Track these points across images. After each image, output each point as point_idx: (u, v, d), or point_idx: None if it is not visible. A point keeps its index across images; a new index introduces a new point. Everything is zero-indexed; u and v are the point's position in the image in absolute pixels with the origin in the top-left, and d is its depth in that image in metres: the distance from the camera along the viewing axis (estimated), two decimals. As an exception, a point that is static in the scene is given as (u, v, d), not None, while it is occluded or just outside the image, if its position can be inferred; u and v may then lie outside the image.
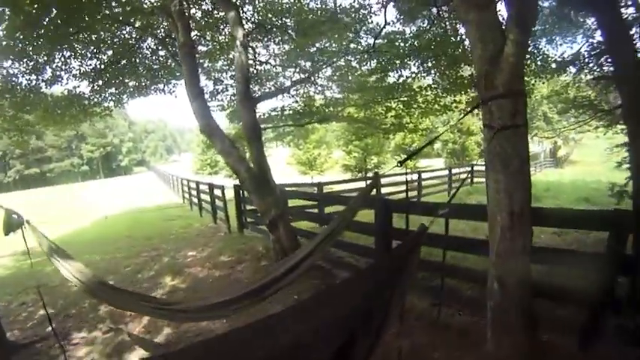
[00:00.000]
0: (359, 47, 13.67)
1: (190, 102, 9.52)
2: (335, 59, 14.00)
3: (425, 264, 6.19)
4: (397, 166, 4.29)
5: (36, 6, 9.69)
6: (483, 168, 5.39)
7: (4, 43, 10.68)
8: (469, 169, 28.41)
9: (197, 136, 64.94)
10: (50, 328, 6.39)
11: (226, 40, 13.51)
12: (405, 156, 4.31)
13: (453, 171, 26.40)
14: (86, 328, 7.71)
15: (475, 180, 26.05)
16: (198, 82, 9.92)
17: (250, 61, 13.16)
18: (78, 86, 13.45)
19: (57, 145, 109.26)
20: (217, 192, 17.00)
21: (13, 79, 12.21)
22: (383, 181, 19.72)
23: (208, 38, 14.13)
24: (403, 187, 20.00)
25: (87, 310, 8.28)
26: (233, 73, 13.19)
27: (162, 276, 10.25)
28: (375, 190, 5.14)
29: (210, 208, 18.26)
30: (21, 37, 10.65)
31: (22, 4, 9.44)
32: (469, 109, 6.58)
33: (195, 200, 22.93)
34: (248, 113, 9.80)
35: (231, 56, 12.64)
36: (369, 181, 5.12)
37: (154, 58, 14.18)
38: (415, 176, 22.19)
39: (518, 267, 3.91)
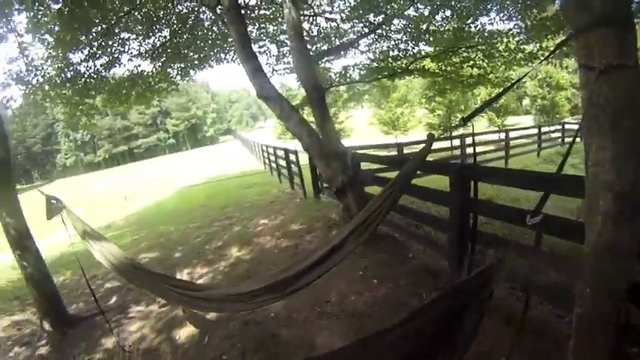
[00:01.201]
0: None
1: (244, 68, 8.97)
2: (403, 9, 13.02)
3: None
4: (461, 124, 3.82)
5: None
6: (576, 126, 3.86)
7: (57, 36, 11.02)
8: (559, 127, 25.90)
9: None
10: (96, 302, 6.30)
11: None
12: (470, 112, 3.74)
13: (543, 129, 23.90)
14: (145, 301, 7.96)
15: (566, 139, 23.67)
16: (249, 45, 9.23)
17: (312, 18, 12.95)
18: (139, 65, 13.67)
19: (142, 123, 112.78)
20: (293, 157, 16.56)
21: (71, 68, 12.40)
22: (468, 140, 18.62)
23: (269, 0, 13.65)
24: (490, 147, 19.15)
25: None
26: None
27: (230, 247, 10.25)
28: (428, 152, 4.47)
29: (287, 174, 17.93)
30: (75, 26, 10.82)
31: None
32: (556, 46, 5.44)
33: (274, 166, 22.68)
34: (306, 73, 9.16)
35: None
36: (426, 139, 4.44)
37: (214, 29, 13.90)
38: (503, 135, 20.64)
39: (621, 271, 2.76)
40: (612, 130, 2.45)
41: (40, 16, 10.77)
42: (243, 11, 9.89)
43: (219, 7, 11.14)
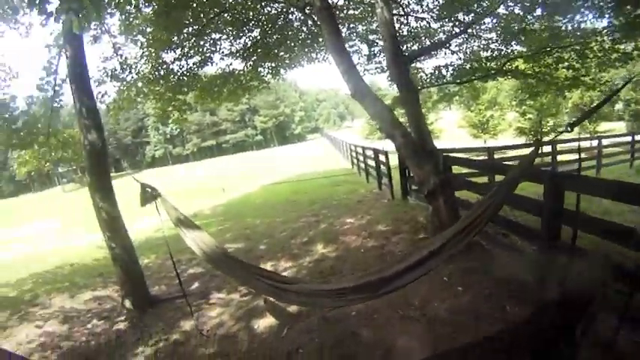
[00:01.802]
0: None
1: (338, 68, 8.93)
2: (494, 8, 12.62)
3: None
4: (567, 130, 3.71)
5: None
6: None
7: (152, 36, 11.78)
8: None
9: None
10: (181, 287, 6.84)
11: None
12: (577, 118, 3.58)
13: (637, 137, 21.21)
14: (226, 289, 8.23)
15: None
16: (342, 44, 9.25)
17: (402, 17, 12.95)
18: (230, 64, 14.43)
19: (230, 119, 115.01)
20: (382, 158, 16.33)
21: (164, 66, 12.99)
22: (558, 147, 17.96)
23: (357, 0, 13.67)
24: (581, 155, 18.47)
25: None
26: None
27: (315, 243, 10.36)
28: (535, 159, 4.28)
29: (375, 174, 17.79)
30: (167, 27, 11.43)
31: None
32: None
33: (363, 166, 22.62)
34: (400, 73, 9.07)
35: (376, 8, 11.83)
36: (531, 148, 4.25)
37: (304, 29, 14.06)
38: (594, 142, 19.46)
39: None
40: None
41: (132, 19, 11.40)
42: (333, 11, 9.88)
43: (308, 7, 11.24)
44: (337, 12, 12.74)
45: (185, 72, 13.25)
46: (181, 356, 6.02)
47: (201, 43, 12.88)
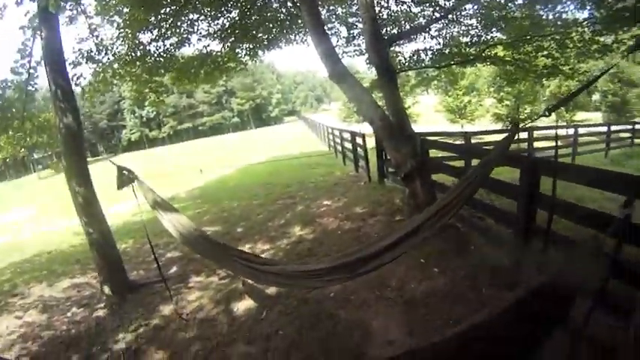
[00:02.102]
0: None
1: (317, 50, 8.94)
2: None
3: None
4: (545, 115, 3.78)
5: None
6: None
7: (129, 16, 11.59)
8: (630, 127, 23.86)
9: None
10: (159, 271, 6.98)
11: None
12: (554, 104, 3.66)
13: (612, 128, 22.45)
14: (205, 272, 8.31)
15: (636, 141, 22.12)
16: (321, 27, 9.23)
17: (382, 0, 12.92)
18: (208, 45, 13.96)
19: (207, 101, 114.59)
20: (358, 140, 16.54)
21: (140, 47, 12.87)
22: (535, 134, 18.40)
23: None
24: (554, 143, 18.80)
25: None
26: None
27: (292, 225, 10.47)
28: (511, 143, 4.37)
29: (352, 157, 17.96)
30: (142, 8, 11.24)
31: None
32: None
33: (340, 148, 22.74)
34: (379, 56, 9.15)
35: None
36: (507, 134, 4.32)
37: (283, 10, 14.03)
38: (571, 130, 20.12)
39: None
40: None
41: (109, -1, 11.27)
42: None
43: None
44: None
45: (162, 53, 13.17)
46: (162, 341, 6.05)
47: (179, 23, 12.74)
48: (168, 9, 11.85)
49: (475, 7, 13.21)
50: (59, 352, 6.46)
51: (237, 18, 13.36)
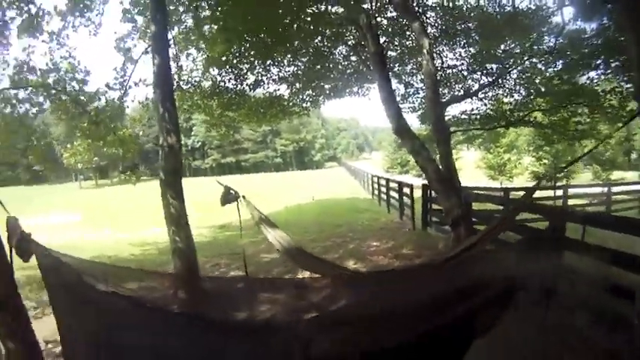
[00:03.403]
0: (542, 48, 13.55)
1: (384, 106, 10.29)
2: (519, 61, 14.03)
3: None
4: (560, 171, 4.56)
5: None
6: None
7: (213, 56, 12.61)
8: None
9: (389, 135, 65.80)
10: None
11: (413, 44, 13.77)
12: (568, 162, 4.42)
13: None
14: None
15: None
16: (390, 87, 10.71)
17: (437, 66, 13.65)
18: (277, 89, 15.08)
19: (252, 139, 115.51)
20: (406, 190, 17.54)
21: (221, 84, 13.99)
22: (570, 191, 19.12)
23: (396, 43, 14.70)
24: (592, 200, 19.48)
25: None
26: (422, 76, 13.57)
27: (346, 259, 10.93)
28: (532, 194, 5.11)
29: (397, 205, 18.74)
30: (229, 52, 12.45)
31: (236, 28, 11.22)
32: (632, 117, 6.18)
33: (384, 196, 23.28)
34: (437, 117, 10.40)
35: (419, 59, 12.63)
36: (534, 184, 5.01)
37: (346, 63, 15.11)
38: (605, 189, 20.37)
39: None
40: None
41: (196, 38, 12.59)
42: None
43: (359, 47, 12.47)
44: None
45: (238, 91, 14.20)
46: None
47: (254, 67, 13.86)
48: (249, 53, 12.99)
49: (519, 71, 14.53)
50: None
51: (306, 66, 14.45)
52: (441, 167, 9.97)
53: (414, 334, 3.02)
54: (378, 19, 12.90)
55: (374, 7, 12.24)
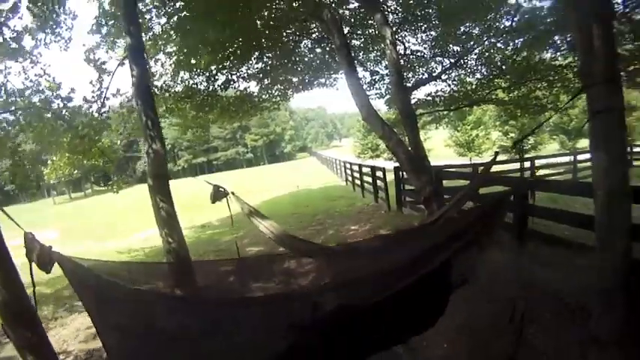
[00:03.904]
0: (500, 28, 13.88)
1: (352, 95, 10.75)
2: (479, 42, 14.51)
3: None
4: (512, 148, 5.05)
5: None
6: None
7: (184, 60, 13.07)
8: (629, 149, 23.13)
9: (358, 121, 65.90)
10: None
11: (376, 32, 14.17)
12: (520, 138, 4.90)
13: None
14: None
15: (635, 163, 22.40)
16: (357, 76, 11.30)
17: (400, 52, 14.15)
18: (248, 87, 15.81)
19: (222, 137, 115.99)
20: (379, 173, 18.13)
21: (193, 86, 14.39)
22: (537, 162, 19.84)
23: (359, 33, 15.15)
24: (560, 170, 20.45)
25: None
26: (387, 62, 13.82)
27: (328, 244, 10.96)
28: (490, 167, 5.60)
29: (371, 189, 19.28)
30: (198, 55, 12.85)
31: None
32: (569, 99, 6.90)
33: (358, 182, 23.86)
34: (403, 101, 10.90)
35: (383, 47, 13.02)
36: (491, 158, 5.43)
37: (312, 56, 15.57)
38: (571, 157, 21.09)
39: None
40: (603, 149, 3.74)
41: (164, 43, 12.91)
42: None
43: (324, 41, 12.96)
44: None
45: (210, 92, 14.59)
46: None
47: (224, 67, 14.20)
48: (220, 54, 13.26)
49: (480, 51, 15.10)
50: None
51: (274, 62, 14.89)
52: (410, 149, 10.52)
53: (402, 286, 3.36)
54: (341, 11, 13.26)
55: (336, 0, 12.72)
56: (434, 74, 15.85)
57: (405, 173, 13.62)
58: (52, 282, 11.11)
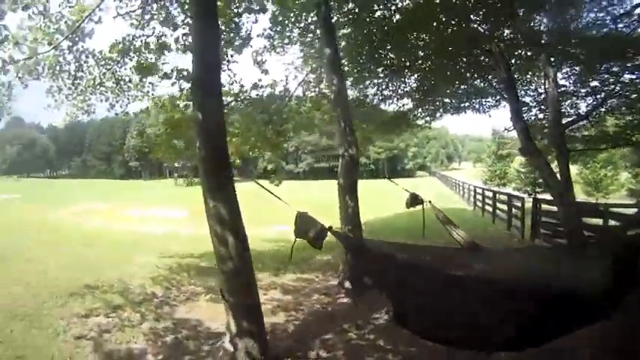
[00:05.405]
0: None
1: (514, 126, 11.82)
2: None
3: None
4: None
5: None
6: None
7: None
8: None
9: (488, 147, 65.65)
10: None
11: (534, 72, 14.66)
12: None
13: None
14: None
15: None
16: (521, 112, 12.12)
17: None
18: (406, 104, 16.28)
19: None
20: (517, 202, 18.47)
21: (362, 97, 15.37)
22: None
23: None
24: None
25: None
26: (532, 93, 15.08)
27: None
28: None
29: (503, 216, 19.77)
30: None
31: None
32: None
33: (488, 208, 24.28)
34: (558, 138, 11.66)
35: (541, 82, 13.83)
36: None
37: (471, 82, 15.84)
38: None
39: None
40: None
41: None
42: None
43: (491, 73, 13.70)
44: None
45: (375, 105, 15.56)
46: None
47: (387, 85, 15.11)
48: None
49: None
50: (325, 322, 7.95)
51: (416, 84, 15.63)
52: (560, 180, 11.13)
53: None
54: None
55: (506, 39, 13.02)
56: (581, 112, 15.16)
57: (542, 205, 14.38)
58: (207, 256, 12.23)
